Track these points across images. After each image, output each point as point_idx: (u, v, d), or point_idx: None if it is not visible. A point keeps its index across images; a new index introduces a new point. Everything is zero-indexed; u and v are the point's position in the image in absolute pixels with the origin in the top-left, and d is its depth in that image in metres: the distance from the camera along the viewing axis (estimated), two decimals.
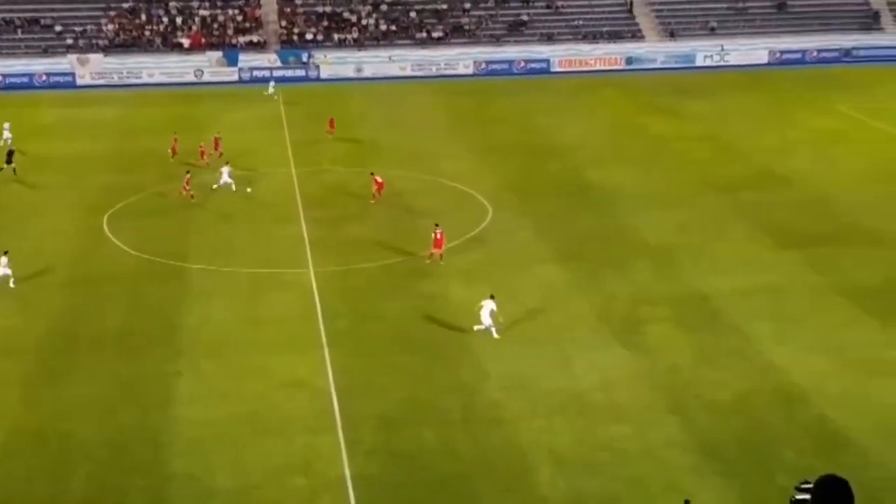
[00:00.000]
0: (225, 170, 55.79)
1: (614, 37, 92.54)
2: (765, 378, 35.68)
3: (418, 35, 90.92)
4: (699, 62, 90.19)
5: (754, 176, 57.83)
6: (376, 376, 36.20)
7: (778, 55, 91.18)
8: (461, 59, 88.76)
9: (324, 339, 38.82)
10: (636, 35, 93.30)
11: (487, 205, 53.28)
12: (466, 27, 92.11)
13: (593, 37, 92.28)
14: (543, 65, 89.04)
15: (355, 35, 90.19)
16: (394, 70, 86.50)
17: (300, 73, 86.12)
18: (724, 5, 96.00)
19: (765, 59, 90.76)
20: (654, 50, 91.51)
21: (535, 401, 34.42)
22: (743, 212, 52.00)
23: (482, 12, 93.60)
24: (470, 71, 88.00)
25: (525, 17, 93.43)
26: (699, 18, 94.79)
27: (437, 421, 33.33)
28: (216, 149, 60.80)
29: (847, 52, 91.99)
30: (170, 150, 60.78)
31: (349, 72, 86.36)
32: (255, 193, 55.74)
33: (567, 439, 32.20)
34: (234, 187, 55.39)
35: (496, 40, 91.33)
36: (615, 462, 31.00)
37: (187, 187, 54.06)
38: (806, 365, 36.49)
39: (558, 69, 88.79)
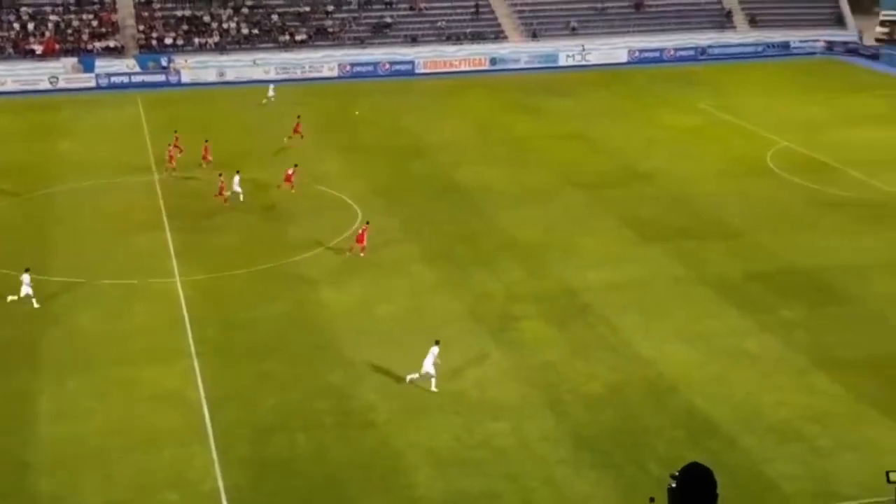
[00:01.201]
0: (235, 178, 53.96)
1: (478, 38, 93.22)
2: (635, 370, 36.31)
3: (281, 38, 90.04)
4: (562, 62, 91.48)
5: (618, 172, 58.85)
6: (247, 384, 35.64)
7: (637, 54, 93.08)
8: (325, 61, 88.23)
9: (192, 349, 38.04)
10: (499, 36, 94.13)
11: (356, 207, 53.01)
12: (330, 29, 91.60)
13: (457, 38, 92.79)
14: (408, 66, 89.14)
15: (216, 39, 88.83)
16: (257, 74, 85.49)
17: (160, 78, 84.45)
18: (585, 6, 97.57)
19: (624, 58, 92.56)
20: (518, 50, 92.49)
21: (410, 402, 34.32)
22: (608, 208, 52.86)
23: (345, 14, 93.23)
24: (335, 73, 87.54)
25: (389, 20, 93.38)
26: (560, 19, 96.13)
27: (310, 426, 32.99)
28: (206, 157, 59.32)
29: (703, 51, 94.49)
30: (168, 157, 58.90)
31: (211, 76, 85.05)
32: (118, 200, 54.41)
33: (444, 439, 32.19)
34: (241, 197, 53.65)
35: (360, 42, 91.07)
36: (493, 459, 31.11)
37: (223, 191, 53.22)
38: (673, 355, 37.27)
39: (423, 70, 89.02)
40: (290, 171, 55.23)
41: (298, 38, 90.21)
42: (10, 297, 41.72)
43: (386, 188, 56.47)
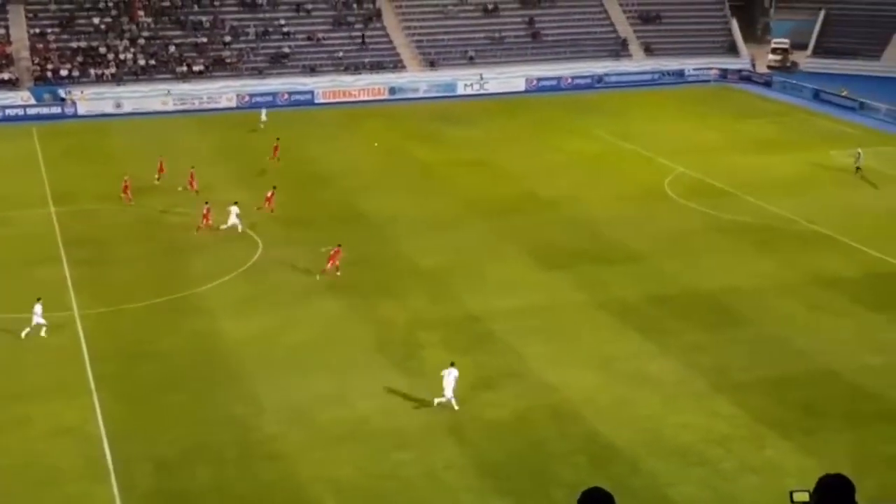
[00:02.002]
0: (233, 209, 53.05)
1: (376, 67, 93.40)
2: (538, 396, 36.47)
3: (179, 69, 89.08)
4: (460, 90, 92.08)
5: (520, 199, 59.29)
6: (148, 418, 34.96)
7: (535, 82, 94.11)
8: (224, 92, 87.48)
9: (92, 384, 37.20)
10: (398, 65, 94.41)
11: (257, 238, 52.50)
12: (228, 60, 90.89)
13: (355, 68, 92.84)
14: (308, 96, 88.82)
15: (113, 70, 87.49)
16: (155, 105, 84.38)
17: (56, 110, 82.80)
18: (482, 35, 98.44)
19: (522, 87, 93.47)
20: (416, 79, 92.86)
21: (314, 432, 34.00)
22: (512, 234, 53.18)
23: (243, 45, 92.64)
24: (233, 104, 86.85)
25: (287, 50, 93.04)
26: (458, 48, 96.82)
27: (212, 459, 32.47)
28: (192, 185, 58.99)
29: (599, 79, 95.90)
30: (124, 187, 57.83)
31: (108, 107, 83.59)
32: (12, 234, 53.12)
33: (349, 469, 31.93)
34: (240, 228, 52.90)
35: (259, 73, 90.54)
36: (398, 489, 30.94)
37: (207, 220, 52.68)
38: (576, 381, 37.54)
39: (322, 100, 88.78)
40: (269, 194, 55.63)
41: (196, 68, 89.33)
42: (24, 333, 40.80)
43: (289, 217, 56.00)
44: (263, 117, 77.45)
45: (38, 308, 41.16)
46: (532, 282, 47.21)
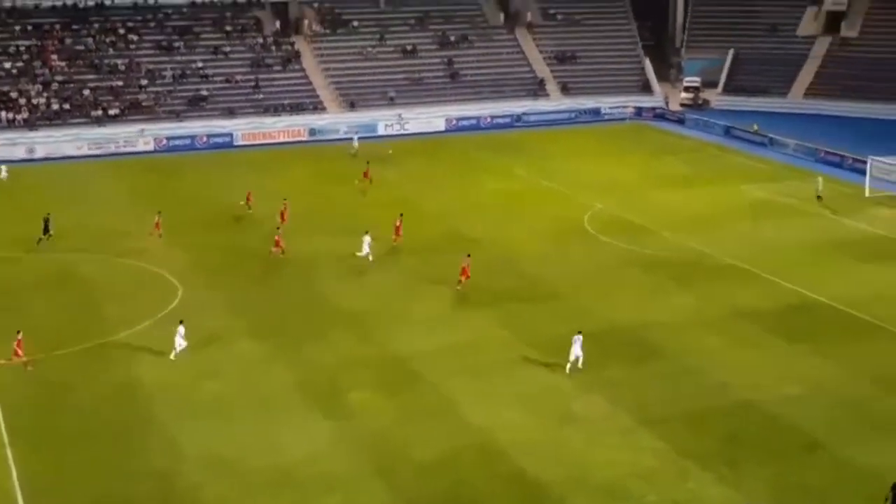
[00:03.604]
0: (366, 239, 54.81)
1: (296, 109, 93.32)
2: (465, 435, 36.43)
3: (94, 113, 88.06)
4: (381, 131, 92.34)
5: (443, 238, 59.45)
6: (65, 471, 34.17)
7: (455, 122, 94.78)
8: (141, 135, 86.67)
9: (5, 437, 36.28)
10: (318, 107, 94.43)
11: (177, 283, 51.87)
12: (144, 103, 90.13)
13: (275, 109, 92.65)
14: (227, 139, 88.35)
15: (25, 115, 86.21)
16: (70, 149, 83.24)
17: None
18: (401, 76, 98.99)
19: (443, 126, 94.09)
20: (337, 120, 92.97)
21: (239, 480, 33.54)
22: (434, 274, 53.20)
23: (160, 88, 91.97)
24: (150, 147, 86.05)
25: (205, 92, 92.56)
26: (378, 89, 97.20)
27: None
28: (282, 218, 60.79)
29: (518, 118, 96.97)
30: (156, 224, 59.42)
31: (20, 153, 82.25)
32: None
33: None
34: (371, 258, 54.67)
35: (176, 116, 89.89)
36: None
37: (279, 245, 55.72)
38: (503, 419, 37.58)
39: (242, 142, 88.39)
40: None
41: (112, 112, 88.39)
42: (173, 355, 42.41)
43: (209, 262, 55.51)
44: (355, 143, 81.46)
45: (181, 329, 42.60)
46: (457, 321, 47.29)
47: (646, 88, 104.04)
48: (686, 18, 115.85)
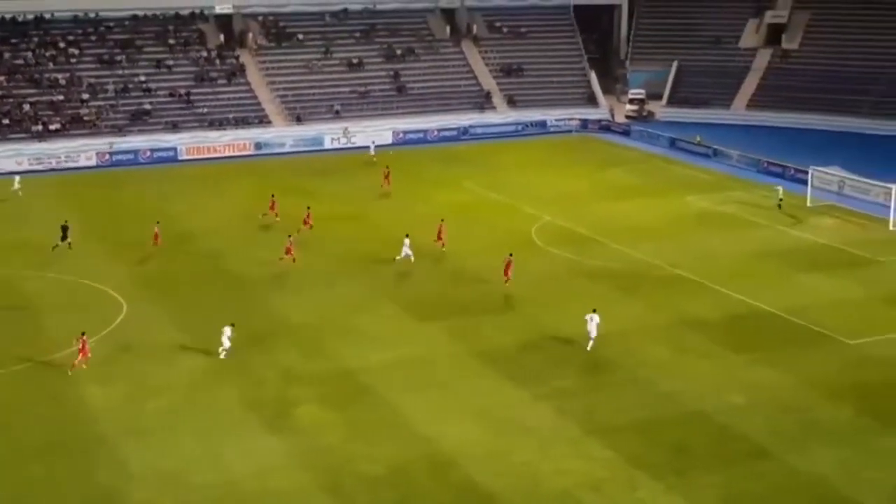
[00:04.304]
0: (406, 241, 55.92)
1: (241, 123, 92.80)
2: (415, 448, 36.30)
3: (34, 128, 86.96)
4: (327, 144, 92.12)
5: (391, 251, 59.25)
6: (8, 493, 33.54)
7: (401, 135, 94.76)
8: (83, 150, 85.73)
9: None
10: (263, 120, 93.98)
11: (121, 299, 51.26)
12: (86, 118, 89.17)
13: (220, 123, 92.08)
14: (171, 153, 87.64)
15: None
16: (9, 165, 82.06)
17: None
18: (347, 89, 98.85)
19: (390, 140, 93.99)
20: (283, 134, 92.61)
21: (186, 497, 33.14)
22: (384, 287, 53.09)
23: (102, 102, 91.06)
24: (93, 162, 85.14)
25: (148, 107, 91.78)
26: (324, 102, 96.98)
27: None
28: (306, 223, 62.15)
29: (465, 131, 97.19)
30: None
31: None
32: None
33: None
34: (412, 258, 55.91)
35: (119, 130, 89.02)
36: None
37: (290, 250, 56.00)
38: (452, 431, 37.51)
39: (186, 157, 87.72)
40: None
41: (52, 127, 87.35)
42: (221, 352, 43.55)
43: (153, 277, 54.95)
44: (372, 151, 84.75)
45: (227, 330, 43.44)
46: (406, 334, 47.16)
47: (591, 101, 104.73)
48: (630, 31, 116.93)
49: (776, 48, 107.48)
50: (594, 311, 44.73)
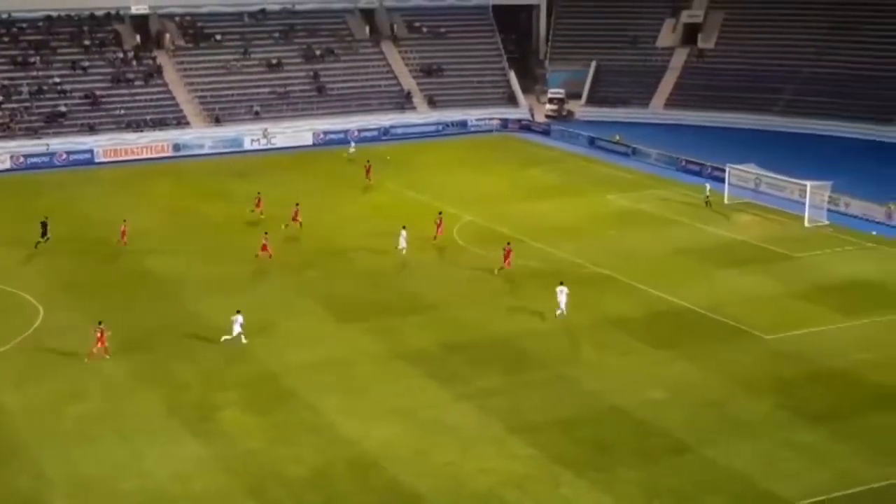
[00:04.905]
0: (403, 234, 57.90)
1: (159, 124, 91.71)
2: (339, 450, 36.25)
3: None
4: (247, 146, 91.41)
5: (314, 252, 59.16)
6: None
7: (322, 136, 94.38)
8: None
9: None
10: (182, 122, 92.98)
11: (38, 305, 50.39)
12: (0, 120, 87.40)
13: (137, 125, 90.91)
14: (87, 155, 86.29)
15: None
16: None
17: None
18: (266, 90, 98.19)
19: (310, 141, 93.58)
20: (202, 136, 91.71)
21: (107, 503, 32.76)
22: (306, 289, 52.89)
23: (15, 105, 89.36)
24: (7, 165, 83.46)
25: (63, 109, 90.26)
26: (243, 103, 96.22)
27: None
28: (294, 219, 63.10)
29: (385, 131, 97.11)
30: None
31: None
32: None
33: None
34: (405, 251, 57.71)
35: (34, 133, 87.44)
36: None
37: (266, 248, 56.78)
38: (376, 432, 37.52)
39: (103, 159, 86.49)
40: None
41: None
42: (224, 338, 45.00)
43: (72, 282, 54.10)
44: (352, 149, 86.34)
45: (238, 318, 44.97)
46: (329, 336, 47.05)
47: (511, 100, 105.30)
48: (549, 31, 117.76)
49: (692, 48, 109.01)
50: (561, 283, 47.98)
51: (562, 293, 47.97)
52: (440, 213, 61.85)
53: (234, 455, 35.83)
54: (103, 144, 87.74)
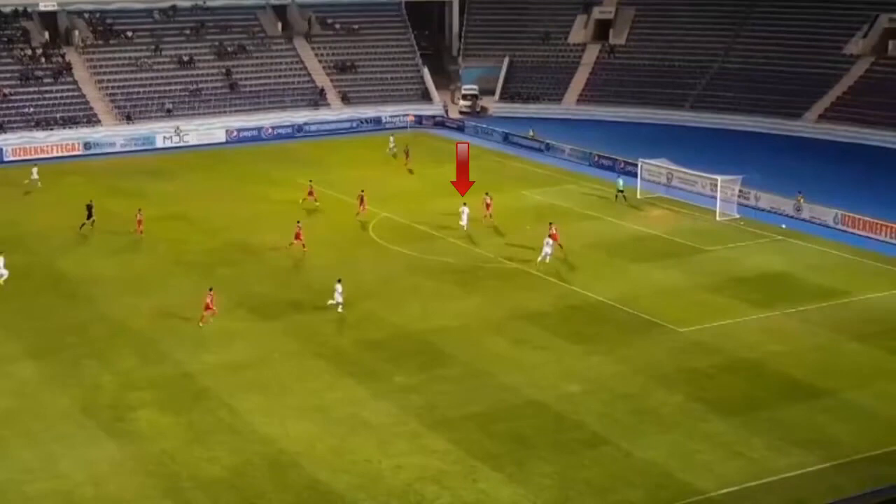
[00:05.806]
0: (464, 210, 62.38)
1: (69, 122, 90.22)
2: (256, 449, 36.08)
3: None
4: (159, 144, 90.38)
5: (228, 251, 58.71)
6: None
7: (235, 133, 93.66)
8: None
9: None
10: (92, 120, 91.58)
11: None
12: None
13: (47, 123, 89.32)
14: None
15: None
16: None
17: None
18: (178, 87, 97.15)
19: (223, 138, 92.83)
20: (113, 134, 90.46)
21: None
22: (221, 287, 52.32)
23: None
24: None
25: None
26: (155, 101, 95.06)
27: None
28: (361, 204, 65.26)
29: (299, 128, 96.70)
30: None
31: None
32: None
33: None
34: (466, 227, 61.73)
35: None
36: None
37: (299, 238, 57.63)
38: (293, 431, 37.42)
39: (12, 158, 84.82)
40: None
41: None
42: (330, 302, 48.42)
43: None
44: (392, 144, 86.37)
45: (338, 287, 48.18)
46: (244, 334, 46.76)
47: (425, 97, 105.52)
48: (462, 27, 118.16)
49: (604, 43, 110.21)
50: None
51: (547, 245, 54.98)
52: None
53: (149, 456, 35.48)
54: (12, 143, 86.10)
